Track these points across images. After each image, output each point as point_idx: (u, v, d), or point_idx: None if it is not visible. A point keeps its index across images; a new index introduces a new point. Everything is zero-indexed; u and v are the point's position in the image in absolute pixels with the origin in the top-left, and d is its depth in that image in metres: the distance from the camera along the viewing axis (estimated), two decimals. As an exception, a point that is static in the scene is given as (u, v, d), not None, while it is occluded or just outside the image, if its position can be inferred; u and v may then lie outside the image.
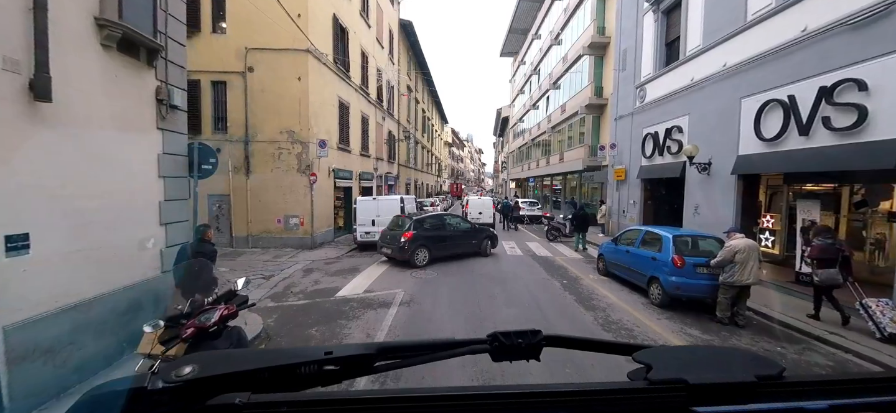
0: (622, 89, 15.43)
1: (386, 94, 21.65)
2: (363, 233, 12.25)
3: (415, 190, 33.39)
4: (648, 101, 13.49)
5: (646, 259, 7.30)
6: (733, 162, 9.29)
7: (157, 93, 5.15)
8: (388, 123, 22.33)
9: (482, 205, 18.85)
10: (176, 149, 5.49)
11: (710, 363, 0.77)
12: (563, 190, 27.30)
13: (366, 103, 17.96)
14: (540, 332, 0.75)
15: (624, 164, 14.98)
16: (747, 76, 9.02)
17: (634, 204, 14.28)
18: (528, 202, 23.90)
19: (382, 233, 10.75)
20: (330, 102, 13.69)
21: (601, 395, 0.59)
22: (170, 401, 0.56)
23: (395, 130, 24.12)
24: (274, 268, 9.75)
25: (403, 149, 27.10)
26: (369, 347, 0.69)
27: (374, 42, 19.00)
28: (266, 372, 0.63)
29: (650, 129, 13.20)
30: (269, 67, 11.82)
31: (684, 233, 7.21)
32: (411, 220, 10.02)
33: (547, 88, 28.67)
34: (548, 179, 32.21)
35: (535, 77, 33.75)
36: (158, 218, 5.18)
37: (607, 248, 9.04)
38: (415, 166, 32.35)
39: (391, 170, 23.66)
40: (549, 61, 29.05)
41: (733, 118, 9.42)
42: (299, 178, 12.06)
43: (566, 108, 23.77)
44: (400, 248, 9.59)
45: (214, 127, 12.07)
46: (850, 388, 0.66)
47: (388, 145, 22.42)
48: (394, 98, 23.69)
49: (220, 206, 12.14)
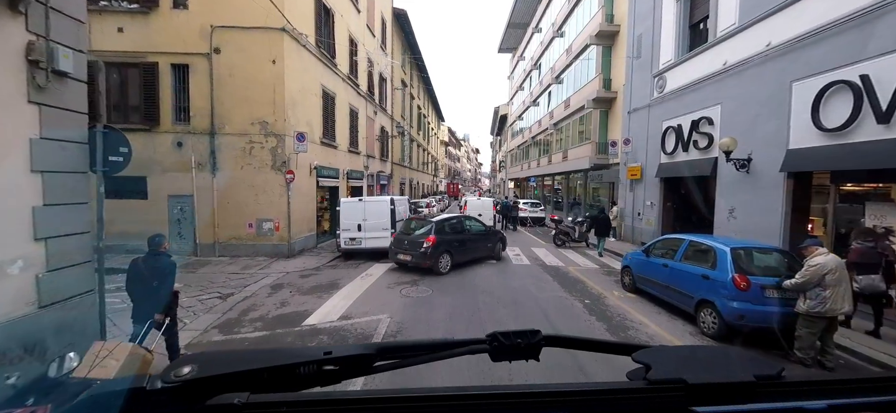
0: (636, 79, 14.01)
1: (378, 86, 20.10)
2: (347, 239, 10.70)
3: (410, 190, 31.83)
4: (669, 90, 12.07)
5: (693, 277, 5.84)
6: (782, 157, 7.88)
7: (29, 51, 3.60)
8: (380, 119, 20.78)
9: (482, 206, 17.32)
10: (65, 133, 3.92)
11: (710, 363, 0.76)
12: (566, 190, 25.89)
13: (355, 95, 16.40)
14: (539, 332, 0.74)
15: (639, 162, 13.55)
16: (801, 55, 7.59)
17: (652, 206, 12.86)
18: (529, 203, 22.41)
19: (395, 237, 9.84)
20: (312, 91, 12.13)
21: (600, 395, 0.60)
22: (169, 401, 0.55)
23: (388, 126, 22.54)
24: (237, 283, 8.19)
25: (397, 146, 25.54)
26: (369, 347, 0.69)
27: (364, 29, 17.44)
28: (265, 372, 0.62)
29: (671, 122, 11.77)
30: (239, 49, 10.24)
31: (743, 244, 5.75)
32: (433, 223, 9.30)
33: (549, 83, 27.26)
34: (549, 179, 30.84)
35: (535, 72, 32.34)
36: (31, 230, 3.62)
37: (636, 260, 7.57)
38: (410, 165, 30.79)
39: (384, 168, 22.09)
40: (550, 55, 27.65)
41: (781, 106, 8.00)
42: (274, 177, 10.49)
43: (570, 104, 22.35)
44: (422, 254, 8.79)
45: (175, 117, 10.47)
46: (848, 388, 0.65)
47: (380, 142, 20.85)
48: (387, 92, 22.13)
49: (182, 209, 10.55)
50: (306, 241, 11.86)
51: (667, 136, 12.00)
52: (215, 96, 10.28)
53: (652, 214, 12.84)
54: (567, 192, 25.69)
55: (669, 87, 12.09)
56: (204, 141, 10.38)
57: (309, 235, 12.09)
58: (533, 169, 33.14)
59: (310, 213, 12.19)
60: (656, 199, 12.64)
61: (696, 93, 10.72)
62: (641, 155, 13.50)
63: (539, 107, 31.57)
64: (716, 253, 5.59)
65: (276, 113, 10.36)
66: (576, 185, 24.42)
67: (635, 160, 13.78)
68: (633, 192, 13.90)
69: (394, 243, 9.63)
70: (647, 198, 13.15)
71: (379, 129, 20.49)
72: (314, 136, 12.29)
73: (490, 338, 0.73)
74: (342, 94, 14.82)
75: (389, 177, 23.32)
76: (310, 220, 12.19)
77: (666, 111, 12.17)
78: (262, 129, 10.38)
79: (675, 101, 11.74)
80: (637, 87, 13.95)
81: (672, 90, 11.89)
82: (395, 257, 9.46)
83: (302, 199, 11.55)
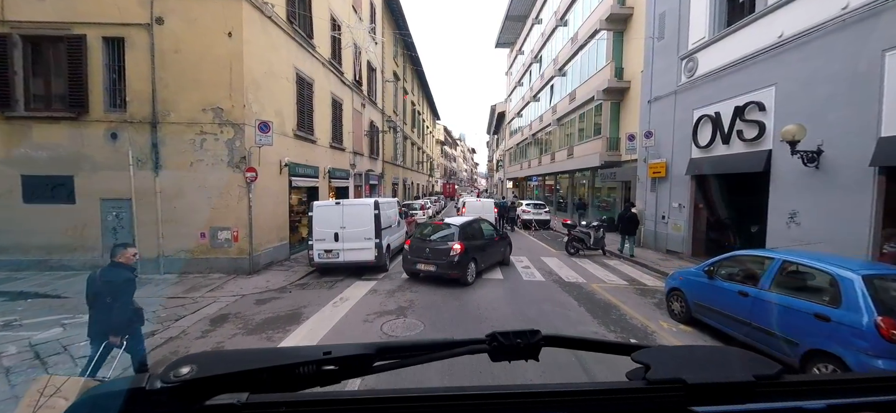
0: (659, 64, 12.28)
1: (366, 76, 18.21)
2: (321, 251, 8.81)
3: (403, 190, 29.93)
4: (702, 74, 10.34)
5: (799, 316, 4.06)
6: (869, 148, 6.16)
7: None
8: (369, 112, 18.89)
9: (482, 208, 15.44)
10: None
11: (709, 363, 0.74)
12: (570, 190, 24.16)
13: (338, 84, 14.52)
14: (538, 332, 0.73)
15: (663, 158, 11.82)
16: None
17: (680, 208, 11.12)
18: (532, 204, 20.55)
19: (412, 245, 8.48)
20: (282, 75, 10.25)
21: (600, 395, 0.59)
22: (168, 401, 0.54)
23: (378, 121, 20.64)
24: (170, 313, 6.30)
25: (389, 143, 23.64)
26: (368, 347, 0.68)
27: (349, 10, 15.56)
28: (264, 372, 0.61)
29: (707, 110, 10.04)
30: (187, 18, 8.34)
31: (877, 270, 3.97)
32: (457, 227, 8.42)
33: (551, 77, 25.53)
34: (550, 179, 29.12)
35: (535, 65, 30.61)
36: None
37: (691, 282, 5.78)
38: (403, 164, 28.90)
39: (374, 167, 20.19)
40: (552, 46, 25.93)
41: (867, 83, 6.28)
42: (232, 176, 8.59)
43: (576, 96, 20.62)
44: (450, 263, 7.78)
45: (109, 103, 8.54)
46: (847, 388, 0.65)
47: (369, 138, 18.95)
48: (376, 83, 20.25)
49: (118, 215, 8.62)
50: (276, 253, 9.97)
51: (700, 126, 10.27)
52: (158, 77, 8.36)
53: (680, 218, 11.11)
54: (572, 192, 23.96)
55: (702, 70, 10.36)
56: (144, 132, 8.44)
57: (279, 245, 10.19)
58: (533, 168, 31.40)
59: (280, 218, 10.29)
60: (685, 200, 10.91)
61: (740, 74, 8.99)
62: (665, 150, 11.77)
63: (540, 102, 29.85)
64: (839, 281, 3.81)
65: (233, 98, 8.47)
66: (581, 185, 22.72)
67: (658, 156, 12.04)
68: (656, 192, 12.16)
69: (411, 252, 8.37)
70: (673, 199, 11.42)
71: (368, 123, 18.61)
72: (286, 128, 10.41)
73: (489, 337, 0.72)
74: (322, 81, 12.94)
75: (380, 176, 21.43)
76: (280, 227, 10.28)
77: (698, 98, 10.43)
78: (216, 117, 8.48)
79: (710, 86, 10.01)
80: (659, 72, 12.22)
81: (706, 73, 10.15)
82: (412, 268, 8.26)
83: (270, 203, 9.66)
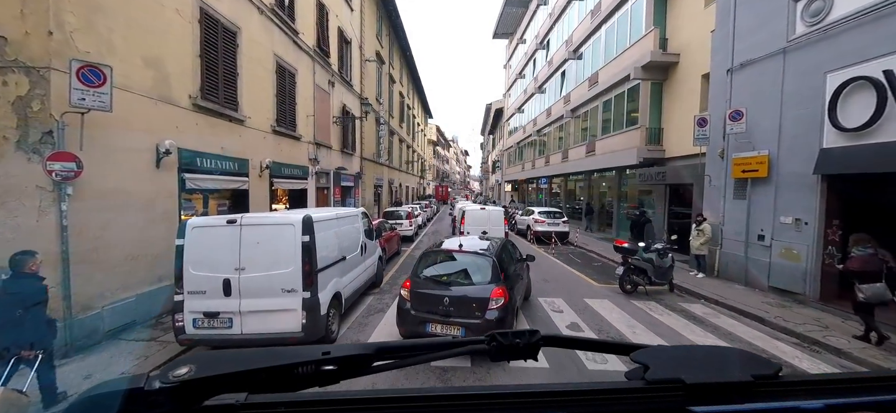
0: (747, 14, 8.48)
1: (336, 46, 14.13)
2: (200, 315, 4.61)
3: (390, 194, 25.79)
4: (844, 14, 6.54)
5: None
6: None
7: None
8: (341, 94, 14.79)
9: (488, 219, 11.44)
10: None
11: (707, 363, 0.74)
12: (587, 194, 20.36)
13: (290, 45, 10.45)
14: (538, 332, 0.73)
15: (763, 149, 8.00)
16: None
17: (797, 224, 7.30)
18: (545, 212, 16.54)
19: (414, 290, 4.98)
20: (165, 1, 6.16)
21: (599, 395, 0.59)
22: (167, 401, 0.54)
23: (354, 106, 16.50)
24: None
25: (371, 135, 19.52)
26: (367, 348, 0.67)
27: (309, -49, 11.51)
28: (263, 372, 0.61)
29: (855, 71, 6.24)
30: None
31: None
32: (491, 258, 5.14)
33: (562, 61, 21.74)
34: (557, 181, 25.34)
35: (541, 52, 26.85)
36: None
37: None
38: (389, 162, 24.78)
39: (348, 164, 16.04)
40: (563, 26, 22.19)
41: None
42: (26, 169, 4.48)
43: (598, 80, 16.83)
44: (487, 323, 4.59)
45: None
46: (845, 388, 0.64)
47: (341, 126, 14.84)
48: (352, 58, 16.17)
49: None
50: (137, 306, 5.73)
51: (843, 98, 6.45)
52: None
53: (798, 239, 7.28)
54: (588, 196, 20.16)
55: (841, 11, 6.57)
56: None
57: (147, 293, 5.94)
58: (538, 169, 27.55)
59: (155, 245, 6.05)
60: (809, 211, 7.09)
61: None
62: (765, 137, 7.96)
63: (546, 94, 26.09)
64: None
65: (26, 15, 4.37)
66: (606, 187, 18.93)
67: (752, 147, 8.22)
68: (748, 200, 8.33)
69: (412, 304, 4.92)
70: (781, 210, 7.60)
71: (338, 106, 14.49)
72: (174, 91, 6.31)
73: (489, 338, 0.71)
74: (259, 36, 8.87)
75: (357, 176, 17.28)
76: (151, 259, 5.99)
77: (835, 53, 6.63)
78: (-8, 52, 4.37)
79: (861, 32, 6.22)
80: (748, 27, 8.43)
81: (854, 11, 6.36)
82: (416, 329, 4.86)
83: (131, 219, 5.54)
